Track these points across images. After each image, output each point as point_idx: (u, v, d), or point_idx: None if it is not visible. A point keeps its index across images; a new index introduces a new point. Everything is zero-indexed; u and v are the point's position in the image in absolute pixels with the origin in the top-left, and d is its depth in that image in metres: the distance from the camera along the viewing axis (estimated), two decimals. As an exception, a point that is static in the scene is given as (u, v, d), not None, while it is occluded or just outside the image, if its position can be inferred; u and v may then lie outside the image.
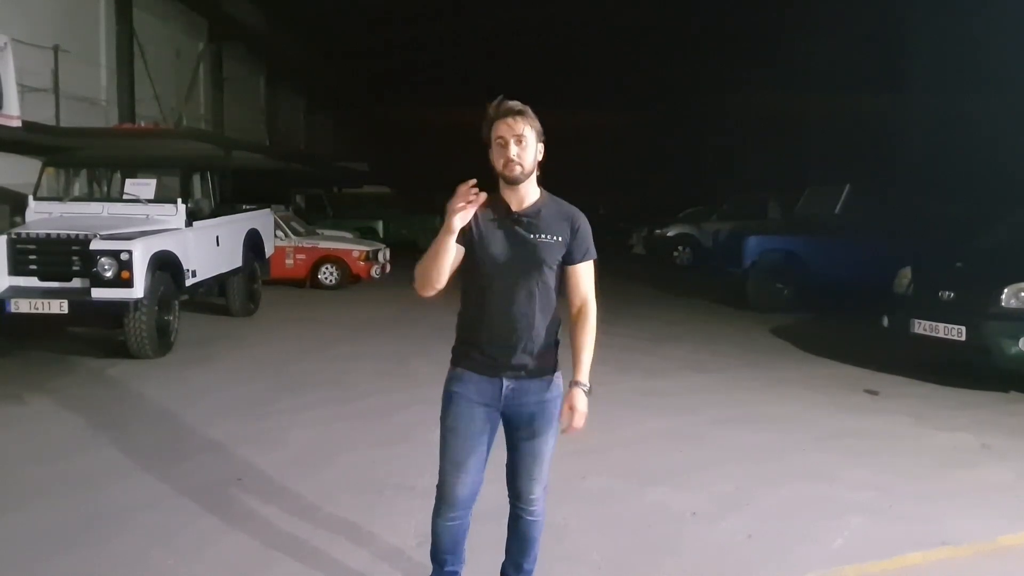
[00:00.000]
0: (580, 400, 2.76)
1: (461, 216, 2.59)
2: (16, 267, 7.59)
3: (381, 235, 18.51)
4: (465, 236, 2.73)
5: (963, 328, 7.03)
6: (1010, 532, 4.10)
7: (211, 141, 15.21)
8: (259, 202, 11.66)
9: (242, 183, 14.42)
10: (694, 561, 3.74)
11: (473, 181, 2.61)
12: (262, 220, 11.08)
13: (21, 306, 7.32)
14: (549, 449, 2.88)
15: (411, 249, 17.93)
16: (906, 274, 8.05)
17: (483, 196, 2.60)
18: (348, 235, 15.21)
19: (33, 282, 7.59)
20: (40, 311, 7.32)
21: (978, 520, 4.24)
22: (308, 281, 13.47)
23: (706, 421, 6.05)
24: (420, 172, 29.49)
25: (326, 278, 13.50)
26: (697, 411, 6.32)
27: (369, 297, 12.73)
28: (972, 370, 7.23)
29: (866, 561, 3.74)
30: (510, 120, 2.67)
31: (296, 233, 13.75)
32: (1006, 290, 6.91)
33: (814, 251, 11.78)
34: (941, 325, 7.22)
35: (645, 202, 25.33)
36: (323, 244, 13.76)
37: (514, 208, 2.75)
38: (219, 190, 10.03)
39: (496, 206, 2.76)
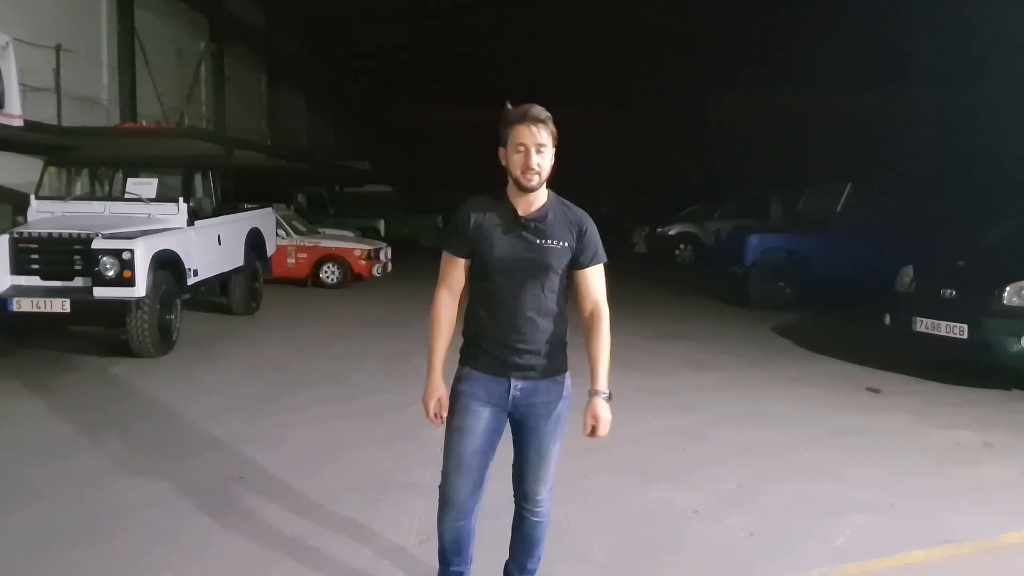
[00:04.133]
0: (602, 409, 2.75)
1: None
2: (18, 266, 7.59)
3: (383, 234, 18.52)
4: (471, 242, 2.76)
5: (965, 326, 7.03)
6: (1012, 530, 4.10)
7: (212, 140, 15.20)
8: (261, 201, 11.67)
9: (243, 182, 14.43)
10: (696, 559, 3.74)
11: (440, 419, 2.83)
12: (264, 219, 11.08)
13: (23, 305, 7.33)
14: (556, 450, 2.87)
15: (412, 248, 17.97)
16: (908, 272, 8.05)
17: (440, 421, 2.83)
18: (350, 234, 15.22)
19: (35, 281, 7.60)
20: (42, 310, 7.33)
21: (980, 518, 4.24)
22: (310, 280, 13.48)
23: (708, 419, 6.05)
24: (422, 171, 29.50)
25: (328, 277, 13.51)
26: (699, 409, 6.32)
27: (371, 296, 12.73)
28: (974, 368, 7.23)
29: (868, 559, 3.74)
30: (533, 128, 2.66)
31: (298, 232, 13.75)
32: (1008, 288, 6.91)
33: (816, 249, 11.77)
34: (943, 323, 7.22)
35: (647, 201, 25.30)
36: (325, 243, 13.76)
37: (521, 212, 2.74)
38: (221, 189, 10.03)
39: (503, 210, 2.76)
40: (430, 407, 2.82)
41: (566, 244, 2.74)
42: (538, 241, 2.72)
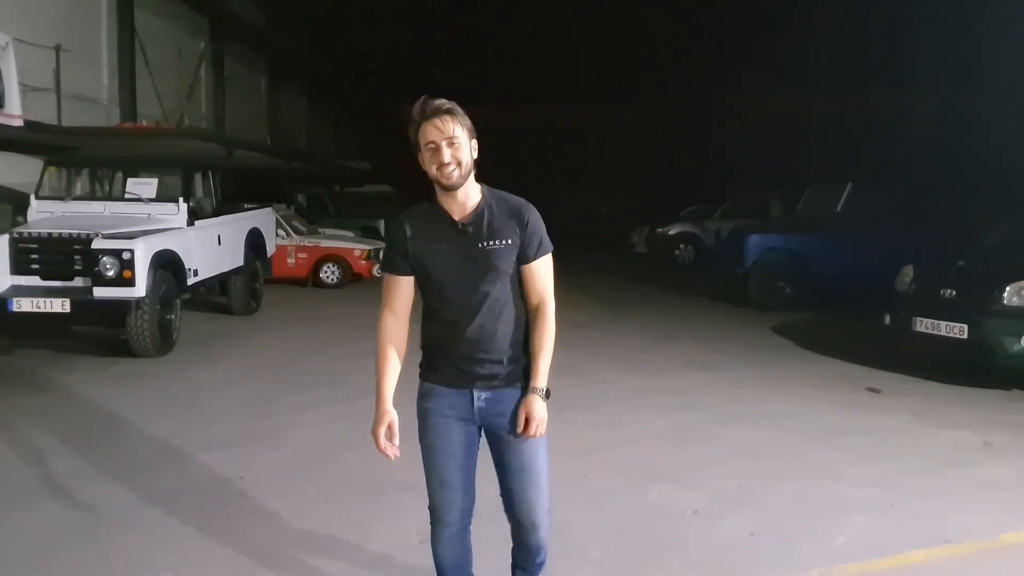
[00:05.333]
0: (538, 407, 2.56)
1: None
2: (18, 266, 7.61)
3: (383, 234, 18.51)
4: (410, 261, 2.61)
5: (965, 326, 7.02)
6: (1012, 530, 4.10)
7: (213, 140, 15.22)
8: (261, 201, 11.67)
9: (244, 182, 14.41)
10: (696, 559, 3.74)
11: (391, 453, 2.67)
12: (264, 219, 11.09)
13: (23, 305, 7.34)
14: (542, 462, 2.68)
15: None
16: (908, 272, 8.04)
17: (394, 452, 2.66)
18: (350, 234, 15.22)
19: (35, 281, 7.61)
20: (42, 310, 7.34)
21: (980, 518, 4.23)
22: (310, 280, 13.49)
23: (708, 419, 6.05)
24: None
25: (328, 277, 13.51)
26: (699, 409, 6.32)
27: (371, 296, 12.65)
28: (974, 368, 7.22)
29: (868, 559, 3.74)
30: (438, 122, 2.48)
31: (298, 232, 13.76)
32: (1008, 288, 6.90)
33: (816, 249, 11.76)
34: (943, 323, 7.21)
35: (647, 200, 25.29)
36: (325, 243, 13.77)
37: (456, 216, 2.57)
38: (221, 189, 10.04)
39: (438, 218, 2.59)
40: (379, 436, 2.66)
41: (509, 241, 2.55)
42: (480, 244, 2.54)
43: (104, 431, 5.54)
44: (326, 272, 13.52)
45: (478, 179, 2.64)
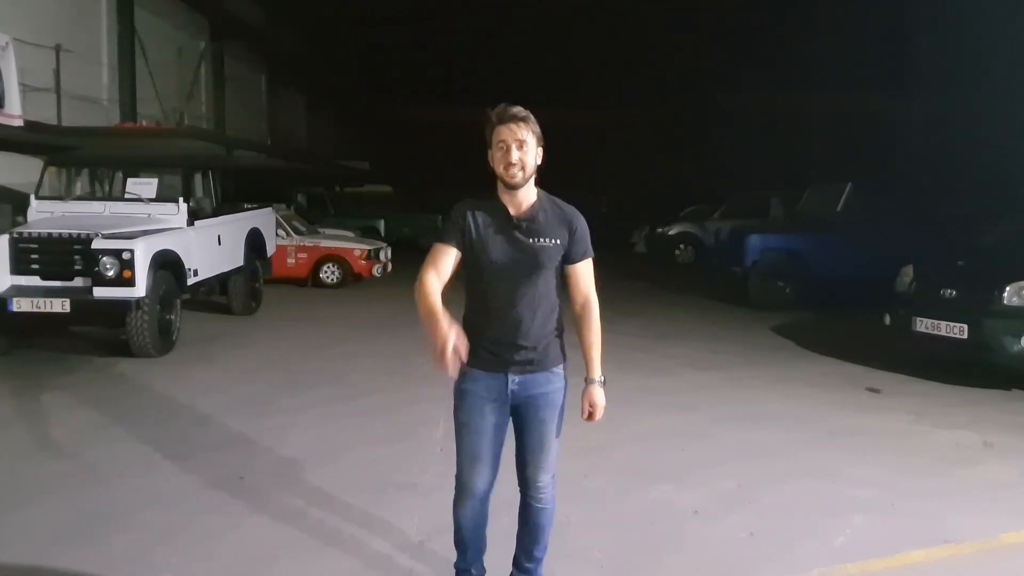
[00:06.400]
0: (598, 395, 2.94)
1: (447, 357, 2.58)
2: (18, 266, 7.59)
3: (382, 234, 18.53)
4: (465, 241, 2.84)
5: (965, 326, 7.03)
6: (1012, 530, 4.10)
7: (213, 140, 15.24)
8: (261, 201, 11.67)
9: (244, 182, 14.44)
10: (696, 559, 3.74)
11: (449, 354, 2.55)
12: (264, 219, 11.08)
13: (23, 305, 7.33)
14: (556, 439, 2.98)
15: (412, 248, 17.99)
16: (908, 272, 8.05)
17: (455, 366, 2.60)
18: (349, 234, 15.22)
19: (35, 281, 7.60)
20: (42, 310, 7.33)
21: (980, 518, 4.23)
22: (310, 280, 13.48)
23: (708, 419, 6.05)
24: (421, 171, 29.50)
25: (328, 277, 13.51)
26: (699, 409, 6.32)
27: (371, 296, 12.73)
28: (974, 368, 7.22)
29: (868, 559, 3.74)
30: (512, 125, 2.76)
31: (297, 232, 13.76)
32: (1008, 288, 6.91)
33: (816, 249, 11.77)
34: (943, 323, 7.22)
35: (647, 200, 25.29)
36: (324, 243, 13.77)
37: (513, 212, 2.83)
38: (221, 189, 10.03)
39: (495, 211, 2.85)
40: (449, 340, 2.55)
41: (558, 241, 2.83)
42: (531, 240, 2.81)
43: (104, 431, 5.54)
44: (326, 272, 13.52)
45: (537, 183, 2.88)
